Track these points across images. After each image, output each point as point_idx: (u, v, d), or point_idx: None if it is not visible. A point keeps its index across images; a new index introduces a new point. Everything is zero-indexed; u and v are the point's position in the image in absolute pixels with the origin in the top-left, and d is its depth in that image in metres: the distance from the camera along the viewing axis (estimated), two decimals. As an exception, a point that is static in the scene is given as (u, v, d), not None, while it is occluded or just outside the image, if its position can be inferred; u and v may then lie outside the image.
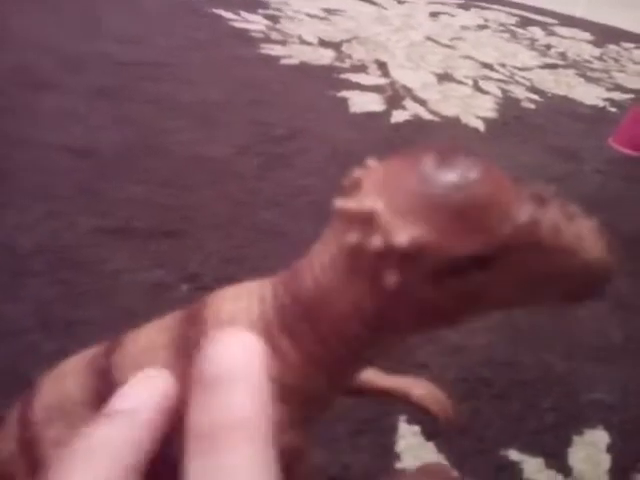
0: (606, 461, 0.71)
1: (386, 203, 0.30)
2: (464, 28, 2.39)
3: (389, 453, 0.67)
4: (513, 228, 0.29)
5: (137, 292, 0.82)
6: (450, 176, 0.30)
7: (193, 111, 1.32)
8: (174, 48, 1.64)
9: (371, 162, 0.35)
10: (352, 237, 0.31)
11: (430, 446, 0.69)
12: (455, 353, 0.82)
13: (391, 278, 0.30)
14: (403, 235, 0.29)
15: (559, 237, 0.30)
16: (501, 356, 0.83)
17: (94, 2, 1.87)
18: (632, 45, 2.57)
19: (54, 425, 0.37)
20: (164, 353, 0.39)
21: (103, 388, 0.39)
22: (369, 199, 0.31)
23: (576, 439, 0.73)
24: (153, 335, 0.41)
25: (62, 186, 0.99)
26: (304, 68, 1.68)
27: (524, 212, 0.30)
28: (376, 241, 0.30)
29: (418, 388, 0.50)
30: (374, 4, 2.48)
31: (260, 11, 2.08)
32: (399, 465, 0.66)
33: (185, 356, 0.38)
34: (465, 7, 2.71)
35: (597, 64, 2.24)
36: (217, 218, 1.00)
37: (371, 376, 0.49)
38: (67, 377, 0.42)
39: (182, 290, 0.83)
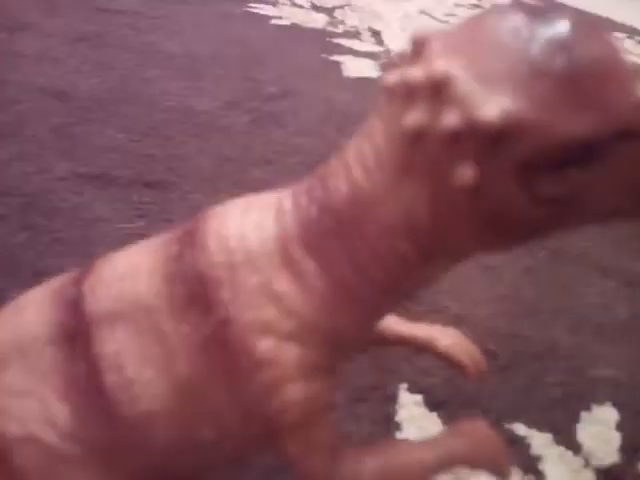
0: (616, 439, 0.67)
1: (465, 67, 0.22)
2: (458, 5, 2.33)
3: (389, 423, 0.62)
4: (635, 107, 0.22)
5: (115, 242, 0.74)
6: (555, 35, 0.22)
7: (178, 63, 1.23)
8: (158, 0, 1.55)
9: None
10: (415, 115, 0.23)
11: (433, 417, 0.64)
12: (458, 324, 0.76)
13: (466, 172, 0.22)
14: (491, 107, 0.21)
15: None
16: (506, 328, 0.78)
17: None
18: (624, 35, 2.54)
19: (10, 368, 0.31)
20: (149, 280, 0.30)
21: (70, 321, 0.31)
22: (439, 63, 0.23)
23: (584, 415, 0.69)
24: (136, 258, 0.33)
25: (36, 128, 0.90)
26: (295, 29, 1.60)
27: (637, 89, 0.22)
28: (451, 116, 0.22)
29: (446, 337, 0.43)
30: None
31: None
32: (400, 436, 0.61)
33: (179, 283, 0.29)
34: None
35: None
36: (203, 172, 0.93)
37: (393, 322, 0.43)
38: (26, 310, 0.33)
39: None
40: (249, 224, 0.30)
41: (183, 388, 0.29)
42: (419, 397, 0.65)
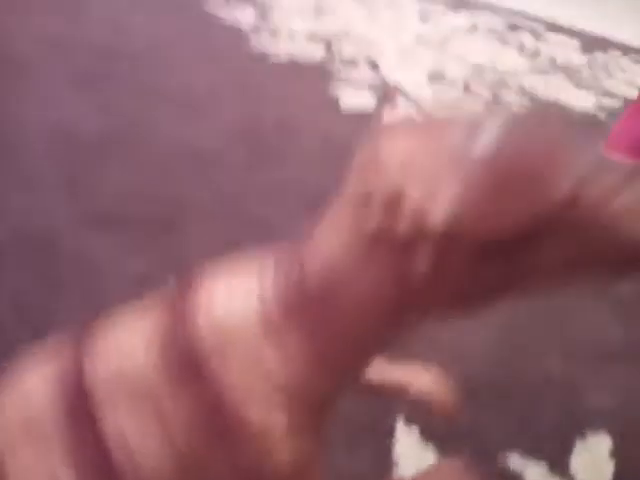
0: (609, 467, 0.68)
1: (413, 180, 0.26)
2: (454, 30, 2.38)
3: (387, 458, 0.64)
4: (557, 198, 0.26)
5: (120, 283, 0.77)
6: (485, 145, 0.26)
7: (179, 100, 1.27)
8: (160, 37, 1.59)
9: (385, 128, 0.30)
10: (375, 221, 0.27)
11: (429, 450, 0.65)
12: (456, 354, 0.79)
13: (421, 260, 0.27)
14: (437, 213, 0.25)
15: (605, 210, 0.26)
16: (502, 358, 0.80)
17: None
18: (619, 53, 2.58)
19: (19, 452, 0.33)
20: (145, 356, 0.33)
21: (74, 401, 0.33)
22: (394, 174, 0.27)
23: (578, 443, 0.70)
24: (131, 332, 0.35)
25: (42, 171, 0.94)
26: (294, 63, 1.64)
27: (567, 182, 0.26)
28: (406, 222, 0.26)
29: (421, 379, 0.46)
30: (365, 2, 2.46)
31: (250, 5, 2.04)
32: (398, 471, 0.62)
33: (173, 358, 0.32)
34: (455, 10, 2.70)
35: (586, 70, 2.24)
36: (205, 209, 0.96)
37: (375, 370, 0.45)
38: (31, 391, 0.34)
39: (168, 282, 0.79)
40: (233, 299, 0.33)
41: (183, 459, 0.31)
42: (415, 430, 0.66)
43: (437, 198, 0.26)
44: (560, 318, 0.90)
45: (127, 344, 0.34)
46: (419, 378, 0.46)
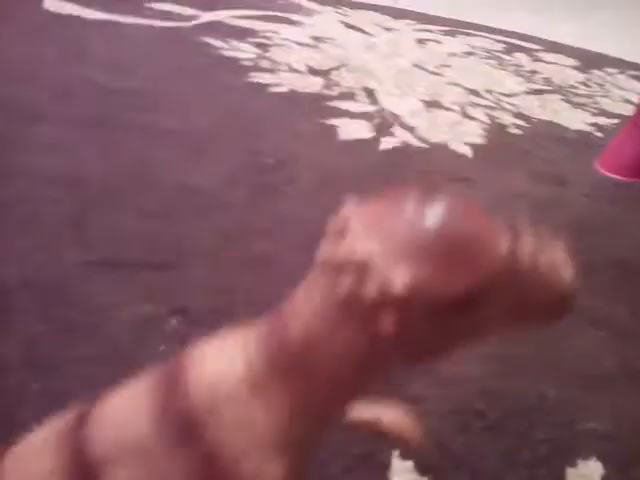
0: (602, 494, 0.70)
1: (378, 247, 0.32)
2: (451, 55, 2.42)
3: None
4: (496, 261, 0.32)
5: (125, 327, 0.81)
6: (434, 218, 0.32)
7: (181, 140, 1.32)
8: (161, 76, 1.64)
9: (351, 203, 0.36)
10: (345, 286, 0.32)
11: (424, 482, 0.68)
12: (448, 385, 0.81)
13: (387, 322, 0.31)
14: (398, 281, 0.31)
15: (535, 266, 0.34)
16: (494, 387, 0.82)
17: (80, 30, 1.87)
18: (616, 70, 2.61)
19: None
20: (143, 424, 0.37)
21: (76, 470, 0.37)
22: (360, 245, 0.32)
23: (570, 472, 0.73)
24: (129, 402, 0.39)
25: (49, 218, 0.98)
26: (293, 96, 1.69)
27: (502, 246, 0.33)
28: (372, 289, 0.31)
29: (388, 416, 0.51)
30: (362, 31, 2.51)
31: (249, 39, 2.09)
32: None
33: (168, 425, 0.36)
34: (451, 34, 2.75)
35: (582, 89, 2.27)
36: (206, 249, 0.99)
37: (354, 409, 0.49)
38: (34, 459, 0.39)
39: (172, 324, 0.82)
40: (222, 365, 0.37)
41: None
42: (410, 463, 0.69)
43: (397, 266, 0.31)
44: (556, 344, 0.92)
45: (125, 416, 0.38)
46: (387, 415, 0.53)
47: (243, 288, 0.92)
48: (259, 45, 2.07)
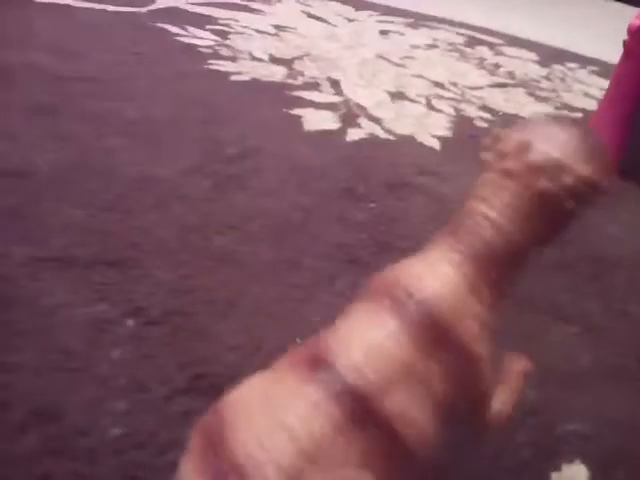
0: (588, 498, 0.67)
1: (561, 155, 0.45)
2: (414, 47, 2.39)
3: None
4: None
5: (77, 329, 0.74)
6: (581, 136, 0.47)
7: (137, 129, 1.24)
8: (115, 63, 1.56)
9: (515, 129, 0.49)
10: (543, 182, 0.45)
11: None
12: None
13: (570, 204, 0.46)
14: (585, 174, 0.45)
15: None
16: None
17: (27, 12, 1.76)
18: (576, 65, 2.63)
19: None
20: (399, 348, 0.40)
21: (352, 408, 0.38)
22: (550, 152, 0.45)
23: (554, 476, 0.69)
24: (370, 335, 0.41)
25: (-8, 210, 0.90)
26: (255, 85, 1.63)
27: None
28: (568, 180, 0.45)
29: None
30: (324, 21, 2.46)
31: (208, 26, 2.02)
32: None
33: (421, 342, 0.41)
34: (414, 26, 2.72)
35: (544, 83, 2.27)
36: (165, 245, 0.92)
37: None
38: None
39: (128, 326, 0.76)
40: (441, 280, 0.44)
41: (440, 408, 0.41)
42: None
43: (580, 165, 0.46)
44: (531, 341, 0.89)
45: (368, 337, 0.41)
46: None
47: (204, 286, 0.85)
48: (218, 32, 1.99)
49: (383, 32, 2.52)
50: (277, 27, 2.22)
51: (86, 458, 0.60)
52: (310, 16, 2.49)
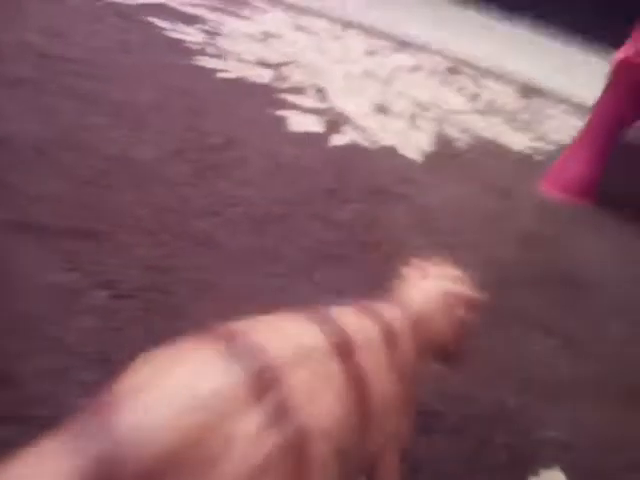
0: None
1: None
2: (398, 68, 2.42)
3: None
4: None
5: (45, 297, 0.69)
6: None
7: (120, 111, 1.20)
8: (101, 48, 1.52)
9: None
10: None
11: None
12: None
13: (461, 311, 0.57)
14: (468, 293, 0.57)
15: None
16: (454, 390, 0.76)
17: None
18: (551, 103, 2.70)
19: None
20: (314, 339, 0.43)
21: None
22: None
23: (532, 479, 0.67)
24: (292, 329, 0.45)
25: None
26: (241, 83, 1.61)
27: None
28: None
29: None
30: (312, 34, 2.47)
31: (196, 25, 2.00)
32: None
33: (330, 346, 0.43)
34: (398, 50, 2.76)
35: (522, 115, 2.32)
36: (142, 223, 0.89)
37: None
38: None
39: (99, 297, 0.72)
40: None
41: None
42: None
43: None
44: (512, 351, 0.89)
45: (290, 332, 0.45)
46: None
47: (181, 267, 0.82)
48: (206, 32, 1.98)
49: (369, 52, 2.54)
50: (265, 34, 2.22)
51: (39, 426, 0.55)
52: (298, 28, 2.50)
